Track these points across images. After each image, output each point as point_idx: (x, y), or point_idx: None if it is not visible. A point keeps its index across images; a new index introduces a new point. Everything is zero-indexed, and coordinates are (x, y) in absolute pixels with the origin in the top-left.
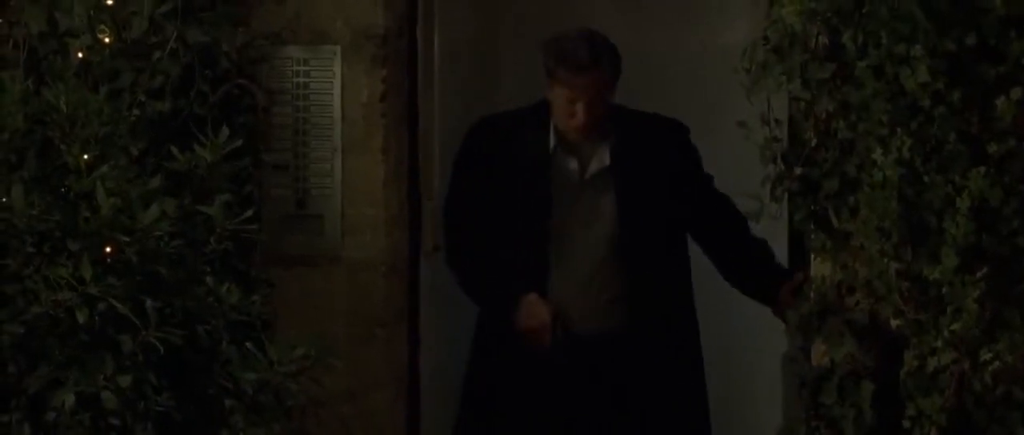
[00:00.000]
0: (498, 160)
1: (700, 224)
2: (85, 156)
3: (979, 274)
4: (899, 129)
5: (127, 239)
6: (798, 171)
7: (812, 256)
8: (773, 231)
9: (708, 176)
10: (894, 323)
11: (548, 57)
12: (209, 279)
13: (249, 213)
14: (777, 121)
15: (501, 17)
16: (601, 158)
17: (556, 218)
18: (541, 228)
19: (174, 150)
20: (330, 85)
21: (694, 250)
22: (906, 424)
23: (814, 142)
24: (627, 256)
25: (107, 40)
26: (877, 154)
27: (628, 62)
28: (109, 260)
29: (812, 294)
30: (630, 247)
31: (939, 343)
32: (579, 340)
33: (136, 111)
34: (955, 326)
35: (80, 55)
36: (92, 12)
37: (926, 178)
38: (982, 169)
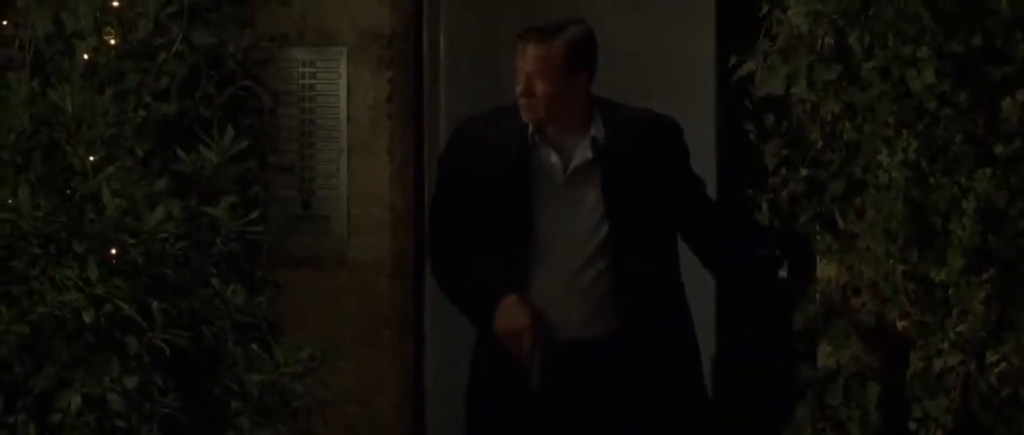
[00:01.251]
0: (479, 159)
1: (688, 227)
2: (91, 157)
3: (985, 276)
4: (905, 130)
5: (133, 240)
6: (804, 173)
7: (817, 258)
8: None
9: (698, 179)
10: (900, 325)
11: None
12: (215, 280)
13: (255, 214)
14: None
15: (506, 18)
16: (584, 151)
17: (538, 216)
18: (522, 226)
19: (180, 151)
20: (336, 86)
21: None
22: (912, 426)
23: (820, 144)
24: (613, 254)
25: (113, 42)
26: (883, 156)
27: (629, 62)
28: (115, 261)
29: (818, 296)
30: (616, 245)
31: (945, 345)
32: (563, 344)
33: (142, 112)
34: (961, 328)
35: (86, 56)
36: (98, 14)
37: (932, 180)
38: (988, 170)
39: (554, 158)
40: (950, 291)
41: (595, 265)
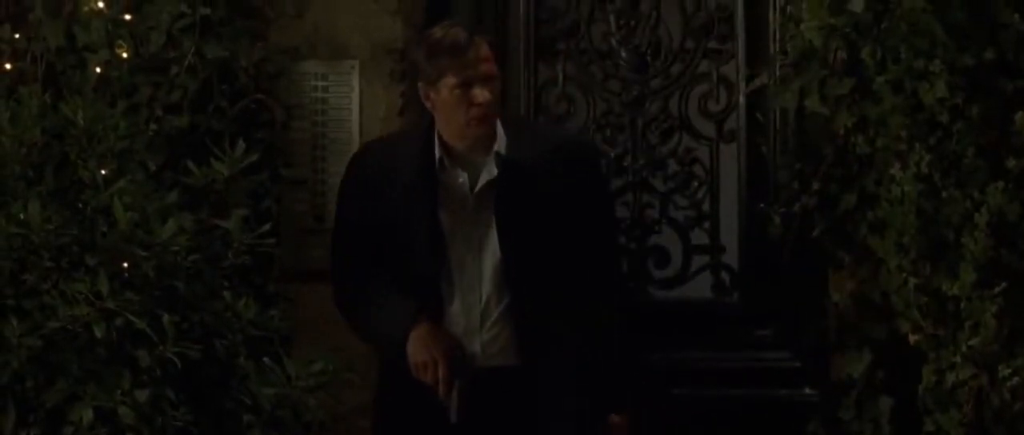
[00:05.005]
0: (383, 184)
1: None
2: (102, 171)
3: (997, 289)
4: (917, 144)
5: (144, 254)
6: (816, 186)
7: (830, 271)
8: None
9: (606, 221)
10: (912, 338)
11: (429, 59)
12: (227, 294)
13: (267, 228)
14: None
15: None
16: (490, 169)
17: (449, 240)
18: (431, 251)
19: (191, 165)
20: (348, 99)
21: None
22: None
23: (832, 157)
24: (510, 281)
25: (125, 55)
26: (895, 169)
27: None
28: (126, 275)
29: (830, 309)
30: (511, 271)
31: (957, 358)
32: (478, 379)
33: (154, 126)
34: (973, 341)
35: (98, 70)
36: (110, 27)
37: (944, 193)
38: (1000, 184)
39: (462, 178)
40: (962, 305)
41: (503, 292)
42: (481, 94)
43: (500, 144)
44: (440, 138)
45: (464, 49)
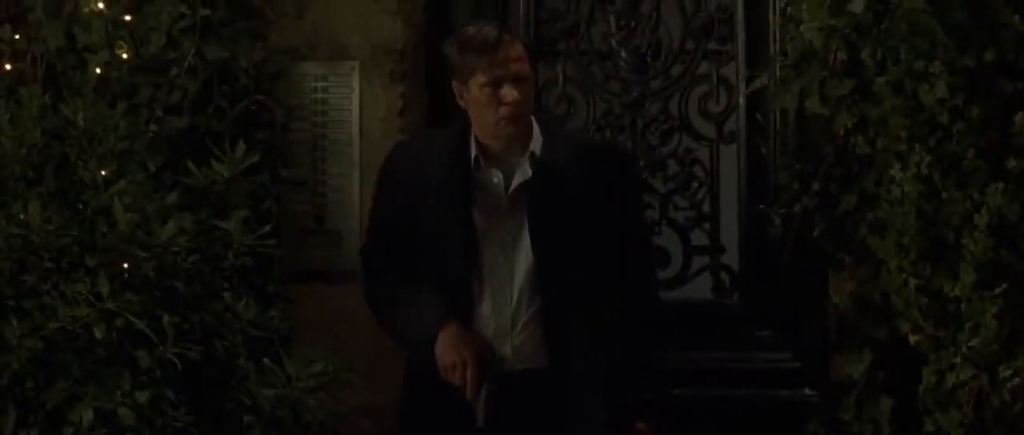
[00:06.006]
0: (415, 183)
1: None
2: (102, 171)
3: (997, 290)
4: (917, 145)
5: (145, 254)
6: (816, 187)
7: (830, 271)
8: None
9: (639, 228)
10: (912, 339)
11: (460, 55)
12: (227, 295)
13: (267, 229)
14: None
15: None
16: (524, 170)
17: (481, 240)
18: (464, 250)
19: (191, 166)
20: (348, 100)
21: None
22: None
23: (832, 158)
24: (542, 283)
25: (125, 56)
26: (895, 170)
27: None
28: (126, 275)
29: (831, 310)
30: (543, 274)
31: (957, 359)
32: (507, 382)
33: (154, 127)
34: (973, 342)
35: (98, 71)
36: (110, 28)
37: (945, 194)
38: (1000, 185)
39: (497, 178)
40: (962, 305)
41: (535, 294)
42: (510, 93)
43: (536, 144)
44: (476, 137)
45: (494, 47)
